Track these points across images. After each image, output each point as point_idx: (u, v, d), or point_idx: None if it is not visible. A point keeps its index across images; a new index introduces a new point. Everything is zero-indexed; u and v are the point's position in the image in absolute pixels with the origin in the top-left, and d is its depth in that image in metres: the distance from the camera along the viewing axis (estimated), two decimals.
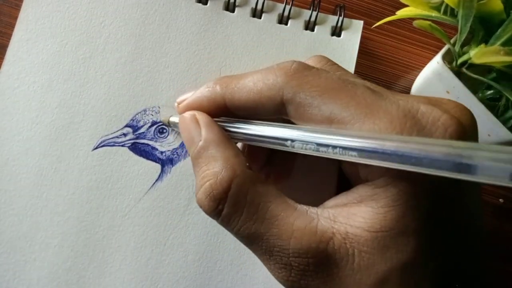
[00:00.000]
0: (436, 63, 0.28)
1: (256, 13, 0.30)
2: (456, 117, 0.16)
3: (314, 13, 0.30)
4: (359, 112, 0.17)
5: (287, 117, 0.19)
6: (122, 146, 0.28)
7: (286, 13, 0.30)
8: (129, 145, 0.28)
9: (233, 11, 0.30)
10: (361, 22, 0.31)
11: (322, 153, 0.17)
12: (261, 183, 0.18)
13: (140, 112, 0.28)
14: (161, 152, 0.28)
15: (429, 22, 0.27)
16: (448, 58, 0.29)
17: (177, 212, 0.27)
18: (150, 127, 0.28)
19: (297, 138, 0.17)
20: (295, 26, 0.30)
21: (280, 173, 0.23)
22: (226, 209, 0.18)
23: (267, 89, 0.19)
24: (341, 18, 0.30)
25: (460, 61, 0.28)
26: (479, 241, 0.18)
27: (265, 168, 0.24)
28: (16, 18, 0.28)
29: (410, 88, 0.34)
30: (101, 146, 0.27)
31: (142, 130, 0.28)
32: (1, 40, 0.30)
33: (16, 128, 0.27)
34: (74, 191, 0.27)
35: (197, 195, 0.19)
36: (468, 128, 0.16)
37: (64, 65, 0.28)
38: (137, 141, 0.28)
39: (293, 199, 0.19)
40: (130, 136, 0.28)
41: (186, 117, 0.21)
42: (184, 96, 0.23)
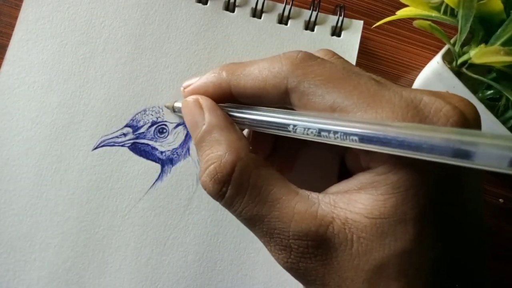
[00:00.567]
0: (436, 63, 0.28)
1: (256, 13, 0.30)
2: (459, 108, 0.16)
3: (314, 13, 0.30)
4: (361, 101, 0.17)
5: (291, 106, 0.19)
6: (122, 146, 0.28)
7: (286, 13, 0.30)
8: (129, 145, 0.28)
9: (233, 11, 0.30)
10: (361, 22, 0.31)
11: (323, 138, 0.17)
12: (264, 167, 0.19)
13: (140, 112, 0.28)
14: (161, 152, 0.28)
15: (429, 22, 0.27)
16: (448, 58, 0.29)
17: (177, 212, 0.27)
18: (150, 127, 0.28)
19: (299, 123, 0.17)
20: (295, 26, 0.30)
21: (282, 166, 0.23)
22: (229, 191, 0.18)
23: (272, 77, 0.19)
24: (341, 18, 0.30)
25: (460, 61, 0.28)
26: (480, 234, 0.18)
27: (268, 160, 0.24)
28: (16, 18, 0.28)
29: None
30: (101, 146, 0.27)
31: (142, 130, 0.28)
32: (1, 40, 0.30)
33: (16, 128, 0.27)
34: (74, 191, 0.27)
35: (202, 177, 0.19)
36: (472, 122, 0.16)
37: (64, 65, 0.28)
38: (137, 141, 0.28)
39: None
40: (130, 136, 0.28)
41: (189, 101, 0.21)
42: (190, 81, 0.23)
